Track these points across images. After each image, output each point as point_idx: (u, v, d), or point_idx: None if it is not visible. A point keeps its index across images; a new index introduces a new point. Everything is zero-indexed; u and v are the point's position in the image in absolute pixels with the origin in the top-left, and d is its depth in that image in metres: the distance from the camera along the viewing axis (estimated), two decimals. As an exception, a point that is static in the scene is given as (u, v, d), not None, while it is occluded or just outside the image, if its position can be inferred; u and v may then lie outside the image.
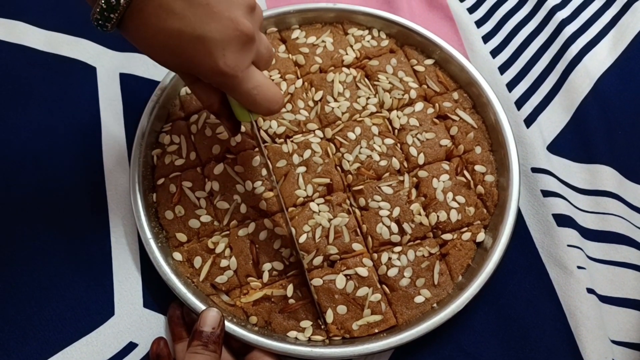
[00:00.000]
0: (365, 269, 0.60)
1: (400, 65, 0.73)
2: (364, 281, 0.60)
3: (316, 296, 0.59)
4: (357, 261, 0.61)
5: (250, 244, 0.62)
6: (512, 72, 0.77)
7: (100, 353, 0.60)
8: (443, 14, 0.82)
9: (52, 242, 0.65)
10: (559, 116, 0.74)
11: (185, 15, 0.47)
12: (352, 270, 0.60)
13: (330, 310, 0.59)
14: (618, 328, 0.62)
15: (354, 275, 0.60)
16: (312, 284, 0.60)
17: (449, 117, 0.70)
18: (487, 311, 0.63)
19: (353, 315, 0.59)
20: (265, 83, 0.53)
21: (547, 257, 0.65)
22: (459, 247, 0.63)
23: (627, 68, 0.77)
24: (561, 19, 0.79)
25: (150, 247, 0.62)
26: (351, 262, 0.61)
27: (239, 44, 0.49)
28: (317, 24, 0.77)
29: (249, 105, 0.54)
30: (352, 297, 0.59)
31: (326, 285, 0.60)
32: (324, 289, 0.60)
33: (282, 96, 0.55)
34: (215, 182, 0.65)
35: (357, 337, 0.59)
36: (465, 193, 0.65)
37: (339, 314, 0.59)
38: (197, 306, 0.58)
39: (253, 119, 0.57)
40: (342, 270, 0.60)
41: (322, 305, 0.59)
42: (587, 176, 0.70)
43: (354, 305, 0.59)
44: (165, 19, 0.47)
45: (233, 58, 0.49)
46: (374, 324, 0.59)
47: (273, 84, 0.54)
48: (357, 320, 0.59)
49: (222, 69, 0.49)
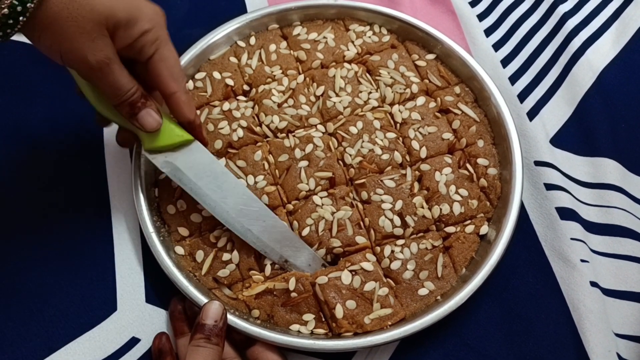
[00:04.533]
0: (370, 264, 0.60)
1: (401, 60, 0.73)
2: (369, 275, 0.59)
3: (322, 294, 0.59)
4: (361, 257, 0.61)
5: (252, 238, 0.62)
6: (515, 65, 0.77)
7: (102, 348, 0.60)
8: (445, 8, 0.82)
9: (54, 237, 0.65)
10: (562, 109, 0.74)
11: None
12: (357, 266, 0.60)
13: (340, 305, 0.58)
14: (622, 321, 0.62)
15: (359, 270, 0.59)
16: (317, 283, 0.59)
17: (451, 111, 0.69)
18: (491, 305, 0.63)
19: (363, 309, 0.58)
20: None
21: (550, 251, 0.65)
22: (463, 240, 0.63)
23: (630, 61, 0.77)
24: (564, 12, 0.80)
25: (152, 242, 0.62)
26: (355, 259, 0.60)
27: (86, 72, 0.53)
28: (319, 20, 0.77)
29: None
30: (360, 292, 0.59)
31: (332, 282, 0.59)
32: (329, 286, 0.59)
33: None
34: (217, 177, 0.65)
35: (369, 331, 0.58)
36: (468, 186, 0.65)
37: (349, 308, 0.58)
38: (199, 300, 0.58)
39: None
40: (346, 267, 0.60)
41: (329, 302, 0.58)
42: (591, 169, 0.70)
43: (363, 299, 0.59)
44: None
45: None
46: (385, 317, 0.59)
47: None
48: (369, 314, 0.58)
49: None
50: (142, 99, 0.57)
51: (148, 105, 0.58)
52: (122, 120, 0.59)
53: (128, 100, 0.56)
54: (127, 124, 0.59)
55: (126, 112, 0.57)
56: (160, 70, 0.58)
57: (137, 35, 0.55)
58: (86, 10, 0.51)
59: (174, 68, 0.59)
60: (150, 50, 0.57)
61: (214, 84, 0.71)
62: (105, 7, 0.52)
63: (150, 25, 0.56)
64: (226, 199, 0.61)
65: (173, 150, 0.61)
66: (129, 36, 0.54)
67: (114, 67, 0.54)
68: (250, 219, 0.61)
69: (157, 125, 0.58)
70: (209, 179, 0.61)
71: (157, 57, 0.57)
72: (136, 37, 0.55)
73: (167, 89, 0.58)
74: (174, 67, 0.59)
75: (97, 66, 0.52)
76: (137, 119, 0.58)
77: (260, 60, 0.73)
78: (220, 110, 0.69)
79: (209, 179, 0.61)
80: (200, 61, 0.73)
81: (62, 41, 0.51)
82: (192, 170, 0.61)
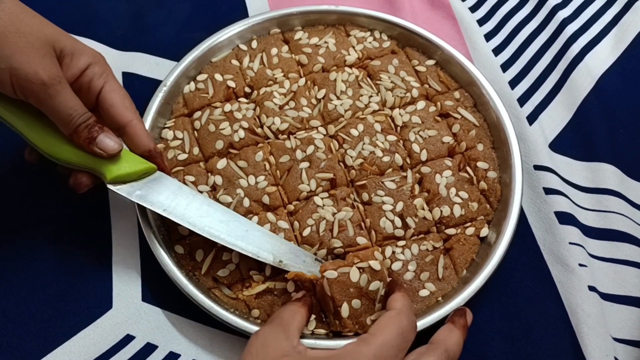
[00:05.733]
0: (378, 263, 0.59)
1: (401, 66, 0.73)
2: (376, 275, 0.58)
3: (329, 289, 0.57)
4: (369, 254, 0.59)
5: (253, 238, 0.62)
6: (514, 70, 0.78)
7: (97, 345, 0.59)
8: (445, 13, 0.83)
9: (52, 236, 0.65)
10: (561, 114, 0.74)
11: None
12: (365, 264, 0.58)
13: (346, 304, 0.57)
14: (620, 325, 0.62)
15: (366, 268, 0.58)
16: (325, 277, 0.57)
17: (451, 115, 0.70)
18: (489, 308, 0.63)
19: (366, 309, 0.58)
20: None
21: (548, 255, 0.65)
22: (463, 242, 0.63)
23: (628, 67, 0.78)
24: (562, 18, 0.80)
25: (152, 240, 0.61)
26: (364, 255, 0.59)
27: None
28: (320, 25, 0.78)
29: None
30: (365, 291, 0.58)
31: (340, 278, 0.57)
32: (338, 282, 0.57)
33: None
34: (218, 177, 0.65)
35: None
36: (468, 189, 0.65)
37: (354, 307, 0.57)
38: (199, 298, 0.58)
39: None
40: (354, 263, 0.58)
41: (336, 299, 0.57)
42: (589, 174, 0.70)
43: (367, 299, 0.58)
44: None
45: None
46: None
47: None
48: (371, 315, 0.58)
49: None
50: (98, 124, 0.56)
51: (105, 130, 0.56)
52: (78, 157, 0.57)
53: (84, 124, 0.54)
54: (84, 159, 0.57)
55: (84, 139, 0.55)
56: (113, 101, 0.57)
57: (84, 66, 0.56)
58: (34, 29, 0.52)
59: (126, 99, 0.59)
60: (100, 82, 0.57)
61: (216, 85, 0.72)
62: (52, 32, 0.54)
63: (95, 59, 0.57)
64: (204, 218, 0.59)
65: (137, 179, 0.59)
66: (75, 66, 0.55)
67: (65, 86, 0.53)
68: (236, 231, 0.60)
69: (118, 147, 0.57)
70: (180, 200, 0.60)
71: (107, 88, 0.57)
72: (83, 69, 0.56)
73: (122, 118, 0.58)
74: (125, 98, 0.59)
75: (49, 82, 0.51)
76: (97, 144, 0.55)
77: (262, 63, 0.74)
78: (221, 111, 0.69)
79: (180, 200, 0.60)
80: (202, 63, 0.74)
81: (12, 55, 0.50)
82: (162, 195, 0.60)
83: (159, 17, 0.82)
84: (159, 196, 0.59)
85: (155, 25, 0.81)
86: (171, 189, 0.60)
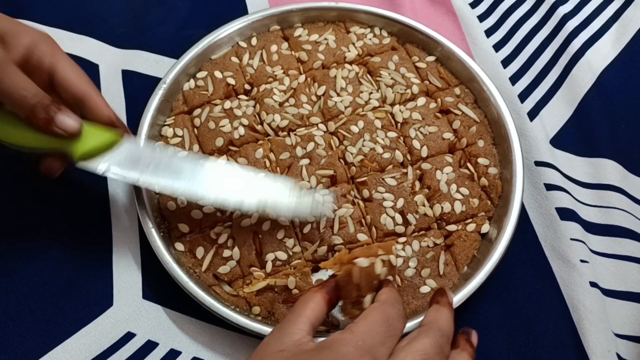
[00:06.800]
0: (401, 259, 0.58)
1: (402, 62, 0.73)
2: (392, 270, 0.53)
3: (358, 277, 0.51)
4: (389, 247, 0.54)
5: (253, 235, 0.62)
6: (515, 65, 0.78)
7: (97, 343, 0.59)
8: (445, 9, 0.83)
9: (53, 233, 0.65)
10: (562, 110, 0.74)
11: None
12: (386, 257, 0.53)
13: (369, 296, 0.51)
14: (621, 321, 0.62)
15: (386, 262, 0.53)
16: (355, 264, 0.51)
17: (451, 112, 0.70)
18: (490, 304, 0.62)
19: None
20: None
21: (550, 251, 0.65)
22: (464, 238, 0.63)
23: (629, 62, 0.78)
24: (564, 13, 0.80)
25: (152, 237, 0.61)
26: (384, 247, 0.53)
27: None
28: (320, 22, 0.78)
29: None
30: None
31: (368, 269, 0.51)
32: (364, 273, 0.51)
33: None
34: (218, 175, 0.65)
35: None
36: (469, 185, 0.65)
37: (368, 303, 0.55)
38: (199, 296, 0.58)
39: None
40: (379, 255, 0.53)
41: (362, 289, 0.51)
42: (590, 170, 0.70)
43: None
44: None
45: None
46: None
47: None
48: None
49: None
50: (54, 103, 0.54)
51: (63, 109, 0.54)
52: (40, 140, 0.55)
53: (39, 103, 0.52)
54: (47, 142, 0.55)
55: (42, 120, 0.53)
56: (66, 75, 0.56)
57: (28, 43, 0.55)
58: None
59: (80, 72, 0.58)
60: (50, 59, 0.56)
61: (215, 82, 0.72)
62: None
63: (39, 37, 0.56)
64: (180, 180, 0.58)
65: (106, 151, 0.58)
66: (20, 45, 0.54)
67: (12, 67, 0.52)
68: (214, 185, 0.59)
69: (79, 125, 0.55)
70: (158, 165, 0.58)
71: (59, 65, 0.56)
72: (28, 47, 0.54)
73: (78, 90, 0.57)
74: (79, 71, 0.58)
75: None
76: (56, 123, 0.53)
77: (261, 60, 0.74)
78: (221, 108, 0.69)
79: (159, 166, 0.58)
80: (202, 61, 0.74)
81: None
82: (135, 165, 0.58)
83: (159, 15, 0.82)
84: (133, 166, 0.58)
85: (155, 23, 0.81)
86: (143, 154, 0.59)
